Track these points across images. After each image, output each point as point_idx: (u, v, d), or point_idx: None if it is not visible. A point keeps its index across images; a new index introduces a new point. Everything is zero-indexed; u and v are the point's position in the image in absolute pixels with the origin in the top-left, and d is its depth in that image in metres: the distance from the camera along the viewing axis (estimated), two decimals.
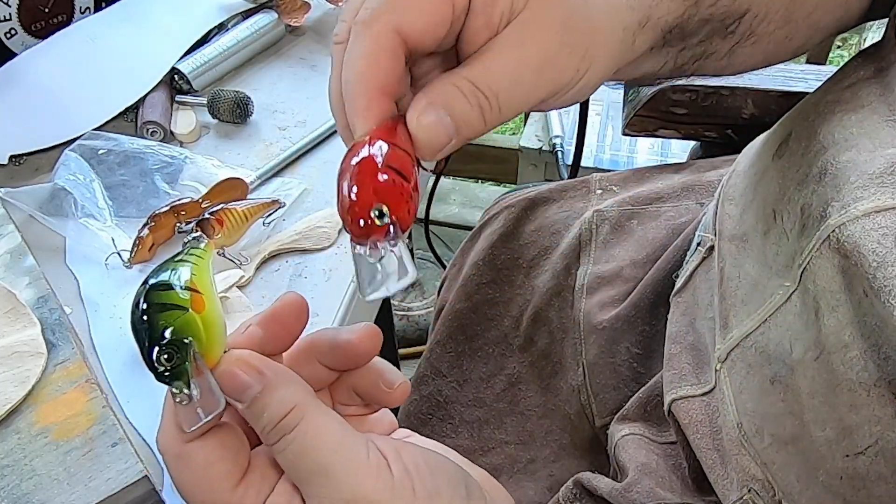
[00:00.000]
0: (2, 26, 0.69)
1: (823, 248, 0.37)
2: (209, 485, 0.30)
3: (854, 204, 0.35)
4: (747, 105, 0.75)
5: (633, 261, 0.66)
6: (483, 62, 0.31)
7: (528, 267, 0.72)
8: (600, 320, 0.63)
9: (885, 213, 0.34)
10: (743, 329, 0.44)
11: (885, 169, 0.35)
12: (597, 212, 0.71)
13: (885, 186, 0.35)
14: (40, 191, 0.60)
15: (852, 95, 0.43)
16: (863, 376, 0.34)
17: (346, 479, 0.29)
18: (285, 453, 0.29)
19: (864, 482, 0.35)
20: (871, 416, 0.34)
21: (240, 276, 0.53)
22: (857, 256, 0.35)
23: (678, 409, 0.50)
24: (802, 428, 0.38)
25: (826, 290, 0.37)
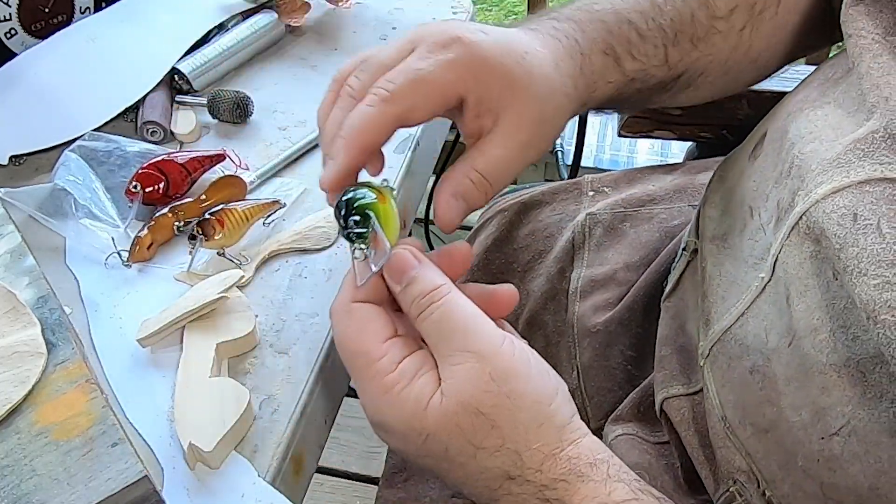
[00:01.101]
0: (2, 26, 0.69)
1: (793, 236, 0.39)
2: (364, 335, 0.39)
3: (815, 189, 0.37)
4: (742, 106, 0.76)
5: (627, 264, 0.67)
6: (485, 157, 0.41)
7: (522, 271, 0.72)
8: (594, 323, 0.63)
9: (842, 192, 0.36)
10: (723, 324, 0.46)
11: (840, 152, 0.37)
12: (589, 215, 0.71)
13: (841, 167, 0.37)
14: (40, 191, 0.60)
15: (820, 94, 0.44)
16: (832, 358, 0.35)
17: (477, 336, 0.38)
18: (431, 318, 0.38)
19: (839, 462, 0.36)
20: (841, 396, 0.35)
21: (240, 276, 0.53)
22: (825, 240, 0.36)
23: (669, 408, 0.51)
24: (780, 414, 0.39)
25: (795, 276, 0.38)
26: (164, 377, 0.50)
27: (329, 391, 0.52)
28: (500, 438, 0.36)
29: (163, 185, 0.59)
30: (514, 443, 0.36)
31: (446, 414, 0.36)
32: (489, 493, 0.37)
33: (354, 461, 1.37)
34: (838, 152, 0.37)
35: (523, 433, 0.36)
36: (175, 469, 0.45)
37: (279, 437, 0.47)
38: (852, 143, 0.37)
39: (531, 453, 0.36)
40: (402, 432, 0.38)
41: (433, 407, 0.37)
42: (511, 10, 2.59)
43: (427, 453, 0.38)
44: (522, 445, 0.36)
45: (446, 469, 0.38)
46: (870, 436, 0.34)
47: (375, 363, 0.38)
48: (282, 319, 0.53)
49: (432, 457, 0.38)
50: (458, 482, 0.39)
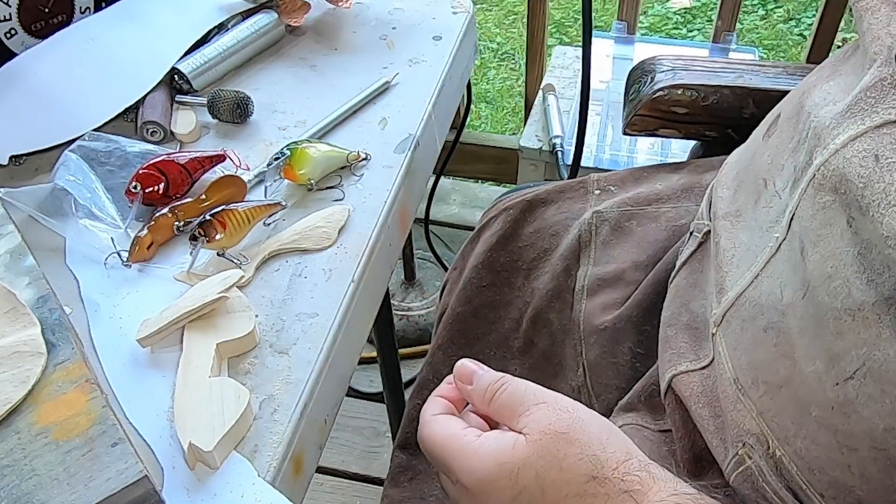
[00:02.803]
0: (2, 26, 0.69)
1: (810, 190, 0.40)
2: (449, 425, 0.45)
3: (832, 141, 0.39)
4: (748, 105, 0.76)
5: (635, 263, 0.67)
6: None
7: (527, 269, 0.72)
8: (602, 321, 0.63)
9: (860, 138, 0.37)
10: (737, 289, 0.47)
11: (850, 104, 0.39)
12: (596, 213, 0.71)
13: (855, 115, 0.38)
14: (40, 191, 0.60)
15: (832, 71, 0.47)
16: (847, 303, 0.37)
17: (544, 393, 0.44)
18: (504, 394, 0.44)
19: (853, 407, 0.37)
20: (856, 339, 0.36)
21: (240, 276, 0.53)
22: (845, 184, 0.37)
23: (678, 384, 0.52)
24: (794, 367, 0.41)
25: (809, 228, 0.40)
26: (164, 377, 0.50)
27: (329, 391, 0.52)
28: (579, 448, 0.41)
29: (163, 185, 0.59)
30: (591, 448, 0.41)
31: (531, 443, 0.41)
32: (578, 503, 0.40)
33: (354, 461, 1.37)
34: (849, 103, 0.39)
35: (598, 442, 0.41)
36: (175, 469, 0.45)
37: (279, 437, 0.47)
38: (861, 91, 0.39)
39: (607, 456, 0.41)
40: (495, 477, 0.42)
41: (520, 443, 0.42)
42: (511, 10, 2.59)
43: (521, 488, 0.41)
44: (599, 450, 0.41)
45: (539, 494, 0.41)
46: (885, 376, 0.35)
47: (462, 438, 0.44)
48: (282, 319, 0.53)
49: (526, 490, 0.41)
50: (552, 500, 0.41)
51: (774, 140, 0.49)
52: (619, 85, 1.46)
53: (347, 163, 0.63)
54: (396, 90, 0.72)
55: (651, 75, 0.78)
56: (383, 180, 0.63)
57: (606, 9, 2.50)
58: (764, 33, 2.45)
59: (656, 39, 2.03)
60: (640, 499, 0.40)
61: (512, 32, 2.50)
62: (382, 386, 1.18)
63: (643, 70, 0.80)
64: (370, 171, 0.64)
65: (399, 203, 0.63)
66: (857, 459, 0.38)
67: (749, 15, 2.49)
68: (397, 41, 0.77)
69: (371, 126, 0.68)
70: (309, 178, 0.61)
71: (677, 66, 0.78)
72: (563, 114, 1.45)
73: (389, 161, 0.65)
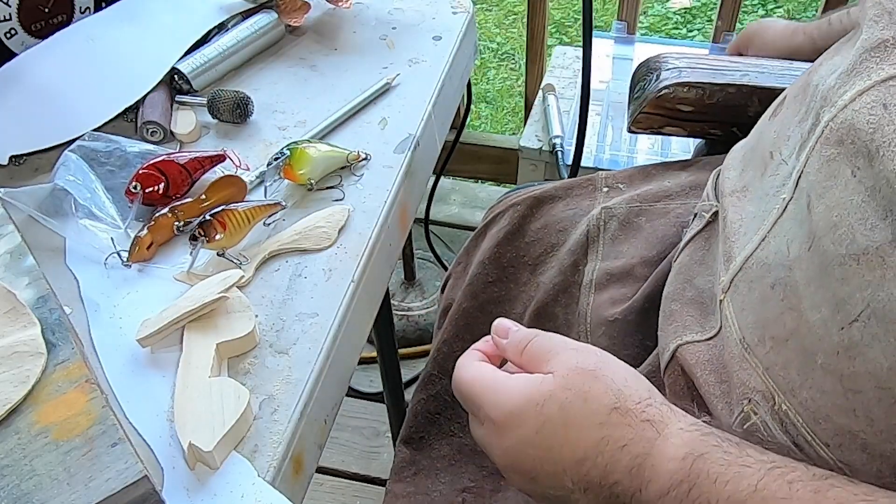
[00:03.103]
0: (2, 26, 0.69)
1: (818, 146, 0.42)
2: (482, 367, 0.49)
3: (839, 98, 0.41)
4: (753, 103, 0.75)
5: (644, 259, 0.67)
6: None
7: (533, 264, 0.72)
8: (611, 313, 0.64)
9: (868, 91, 0.39)
10: (745, 253, 0.49)
11: (854, 62, 0.41)
12: (605, 209, 0.72)
13: (860, 74, 0.41)
14: (40, 191, 0.60)
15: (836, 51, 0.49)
16: (852, 248, 0.38)
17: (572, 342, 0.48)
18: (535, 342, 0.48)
19: (859, 349, 0.38)
20: (861, 283, 0.38)
21: (240, 276, 0.53)
22: (853, 134, 0.39)
23: (684, 352, 0.53)
24: (800, 318, 0.42)
25: (815, 182, 0.42)
26: (164, 377, 0.50)
27: (329, 391, 0.52)
28: (604, 384, 0.44)
29: (163, 185, 0.59)
30: (615, 383, 0.44)
31: (558, 378, 0.44)
32: (599, 432, 0.43)
33: (354, 461, 1.37)
34: (852, 63, 0.41)
35: (622, 379, 0.44)
36: (175, 469, 0.45)
37: (279, 437, 0.47)
38: (865, 51, 0.41)
39: (630, 392, 0.44)
40: (522, 408, 0.44)
41: (547, 380, 0.45)
42: (511, 10, 2.59)
43: (545, 422, 0.44)
44: (622, 385, 0.44)
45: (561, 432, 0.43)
46: (890, 314, 0.36)
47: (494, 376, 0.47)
48: (282, 319, 0.53)
49: (549, 424, 0.43)
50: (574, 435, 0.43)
51: (780, 116, 0.51)
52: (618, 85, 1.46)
53: (347, 163, 0.63)
54: (396, 90, 0.72)
55: (656, 73, 0.78)
56: (383, 180, 0.63)
57: (606, 9, 2.50)
58: None
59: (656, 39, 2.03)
60: (661, 428, 0.42)
61: (512, 32, 2.50)
62: (382, 386, 1.18)
63: (648, 68, 0.80)
64: (370, 171, 0.64)
65: (399, 203, 0.63)
66: (863, 402, 0.39)
67: (749, 15, 2.50)
68: (397, 41, 0.77)
69: (371, 126, 0.68)
70: (309, 178, 0.61)
71: (682, 64, 0.78)
72: (563, 114, 1.45)
73: (389, 161, 0.65)
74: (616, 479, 0.42)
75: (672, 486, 0.40)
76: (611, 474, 0.42)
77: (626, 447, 0.42)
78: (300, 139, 0.64)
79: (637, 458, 0.41)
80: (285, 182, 0.62)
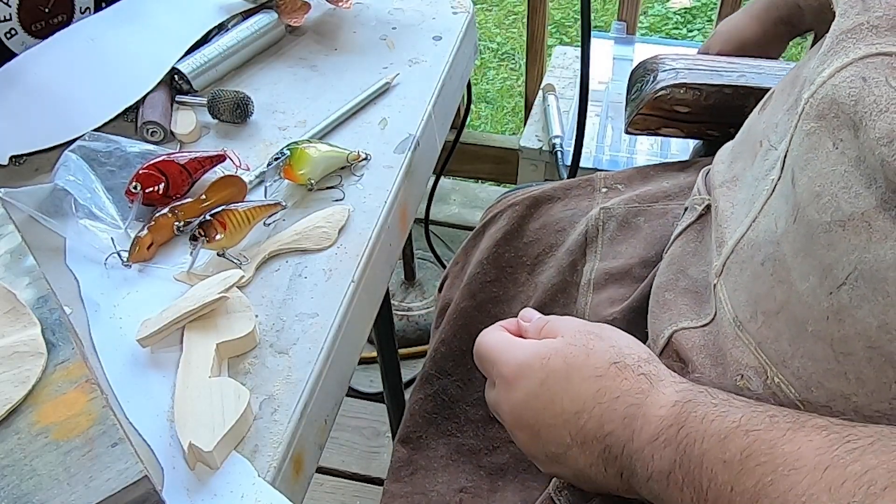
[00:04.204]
0: (2, 26, 0.69)
1: (801, 123, 0.43)
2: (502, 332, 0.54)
3: (818, 76, 0.43)
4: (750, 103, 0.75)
5: (643, 259, 0.67)
6: None
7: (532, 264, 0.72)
8: (610, 312, 0.64)
9: (846, 68, 0.41)
10: (736, 236, 0.51)
11: (831, 43, 0.43)
12: (603, 209, 0.72)
13: (838, 53, 0.42)
14: (40, 191, 0.60)
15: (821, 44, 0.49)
16: (836, 216, 0.39)
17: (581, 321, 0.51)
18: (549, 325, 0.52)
19: (848, 311, 0.40)
20: (847, 247, 0.39)
21: (240, 276, 0.53)
22: (836, 107, 0.41)
23: (679, 337, 0.54)
24: (790, 289, 0.44)
25: (798, 156, 0.43)
26: (164, 377, 0.50)
27: (329, 391, 0.52)
28: (606, 343, 0.48)
29: (163, 185, 0.59)
30: (617, 343, 0.48)
31: (565, 337, 0.49)
32: (597, 384, 0.46)
33: (354, 461, 1.37)
34: (829, 44, 0.43)
35: (625, 342, 0.48)
36: (175, 469, 0.45)
37: (279, 437, 0.47)
38: (841, 33, 0.42)
39: (630, 351, 0.47)
40: (530, 361, 0.49)
41: (556, 339, 0.49)
42: (511, 10, 2.59)
43: (548, 374, 0.47)
44: (624, 346, 0.48)
45: (563, 384, 0.47)
46: (876, 274, 0.38)
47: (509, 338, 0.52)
48: (282, 319, 0.53)
49: (553, 373, 0.47)
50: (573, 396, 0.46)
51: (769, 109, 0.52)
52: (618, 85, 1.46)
53: (347, 163, 0.63)
54: (396, 90, 0.72)
55: (653, 74, 0.78)
56: (383, 180, 0.63)
57: (606, 9, 2.50)
58: None
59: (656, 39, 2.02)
60: (655, 381, 0.45)
61: (512, 32, 2.50)
62: (382, 386, 1.18)
63: (645, 69, 0.80)
64: (370, 171, 0.64)
65: (399, 203, 0.63)
66: (853, 363, 0.40)
67: None
68: (397, 41, 0.77)
69: (371, 126, 0.68)
70: (309, 178, 0.61)
71: (679, 65, 0.78)
72: (562, 114, 1.45)
73: (389, 161, 0.65)
74: (610, 430, 0.45)
75: (661, 430, 0.42)
76: (605, 424, 0.45)
77: (621, 398, 0.45)
78: (300, 139, 0.64)
79: (630, 407, 0.44)
80: (285, 182, 0.62)
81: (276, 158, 0.61)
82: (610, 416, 0.45)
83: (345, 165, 0.64)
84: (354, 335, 0.56)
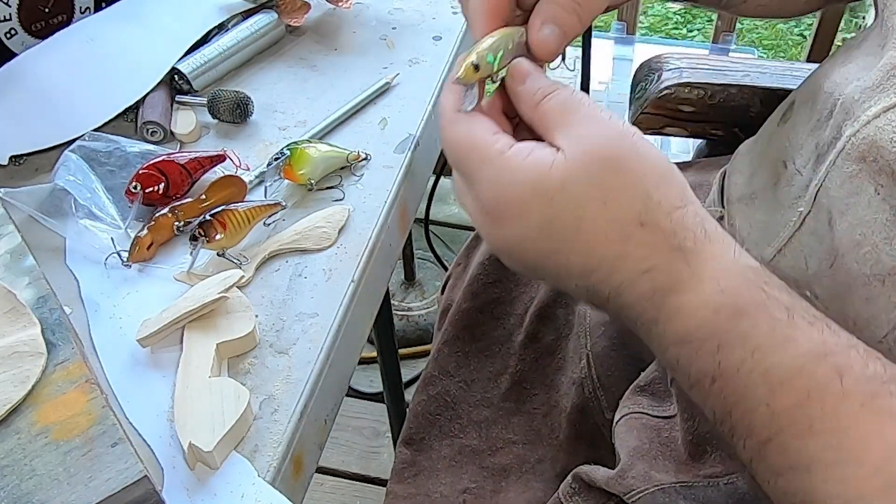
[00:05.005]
0: (2, 26, 0.68)
1: (838, 161, 0.40)
2: (475, 130, 0.39)
3: (863, 113, 0.39)
4: (755, 103, 0.76)
5: None
6: None
7: None
8: None
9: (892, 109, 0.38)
10: None
11: (881, 78, 0.40)
12: None
13: (886, 90, 0.39)
14: (40, 191, 0.60)
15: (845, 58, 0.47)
16: (877, 269, 0.37)
17: (603, 112, 0.38)
18: (554, 99, 0.38)
19: None
20: (887, 303, 0.37)
21: (240, 276, 0.53)
22: (875, 152, 0.38)
23: None
24: None
25: (837, 198, 0.40)
26: (164, 377, 0.50)
27: (329, 391, 0.52)
28: (630, 181, 0.36)
29: (163, 185, 0.59)
30: (642, 183, 0.36)
31: (573, 163, 0.36)
32: (618, 248, 0.36)
33: (354, 461, 1.37)
34: (878, 78, 0.40)
35: (652, 177, 0.36)
36: (175, 469, 0.45)
37: (279, 437, 0.47)
38: (892, 68, 0.39)
39: (660, 197, 0.36)
40: (526, 202, 0.36)
41: (558, 163, 0.36)
42: None
43: (552, 219, 0.36)
44: (652, 187, 0.36)
45: (572, 236, 0.36)
46: None
47: (490, 147, 0.38)
48: (282, 319, 0.53)
49: (558, 223, 0.36)
50: (584, 252, 0.37)
51: (791, 123, 0.49)
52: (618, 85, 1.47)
53: (347, 163, 0.63)
54: (396, 90, 0.72)
55: (658, 73, 0.78)
56: (383, 180, 0.63)
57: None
58: (764, 33, 2.45)
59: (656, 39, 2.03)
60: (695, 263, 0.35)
61: None
62: (382, 386, 1.18)
63: (650, 68, 0.80)
64: (370, 171, 0.64)
65: (399, 203, 0.63)
66: None
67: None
68: (397, 41, 0.77)
69: (371, 126, 0.68)
70: (309, 178, 0.61)
71: (684, 64, 0.78)
72: None
73: (389, 161, 0.65)
74: (628, 303, 0.37)
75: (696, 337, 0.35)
76: (622, 295, 0.36)
77: (649, 274, 0.36)
78: (300, 139, 0.64)
79: (658, 291, 0.35)
80: (285, 182, 0.62)
81: (276, 158, 0.61)
82: (631, 289, 0.36)
83: (345, 165, 0.63)
84: (354, 335, 0.56)
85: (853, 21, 2.12)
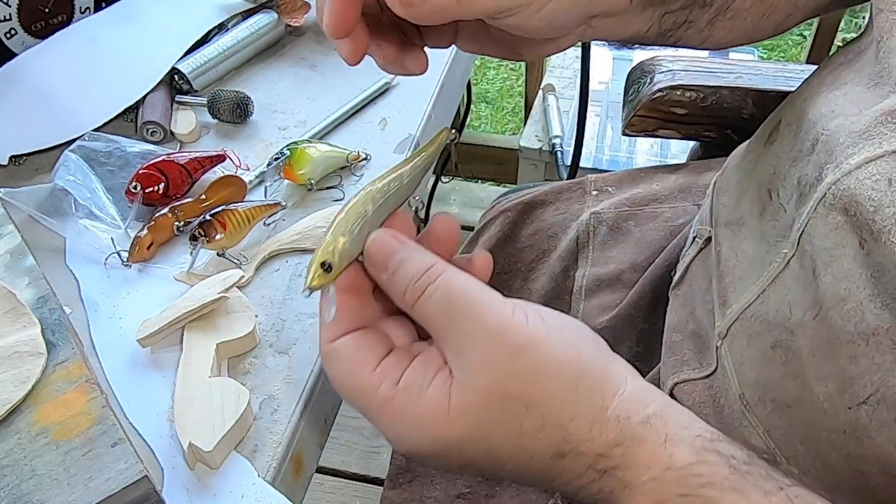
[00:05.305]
0: (2, 26, 0.69)
1: (820, 208, 0.39)
2: (353, 369, 0.35)
3: (846, 160, 0.37)
4: (747, 105, 0.76)
5: (633, 264, 0.67)
6: None
7: (525, 271, 0.72)
8: (600, 321, 0.63)
9: (875, 161, 0.36)
10: (742, 302, 0.46)
11: (869, 124, 0.38)
12: (594, 214, 0.71)
13: (872, 138, 0.37)
14: (40, 191, 0.60)
15: (834, 78, 0.45)
16: (860, 327, 0.35)
17: (486, 313, 0.33)
18: (432, 300, 0.34)
19: (867, 432, 0.36)
20: (870, 365, 0.35)
21: (240, 276, 0.53)
22: (855, 206, 0.36)
23: (680, 392, 0.51)
24: (804, 387, 0.39)
25: (821, 248, 0.38)
26: (164, 377, 0.50)
27: (329, 391, 0.52)
28: (539, 418, 0.33)
29: (163, 185, 0.59)
30: (555, 416, 0.33)
31: (474, 411, 0.33)
32: (545, 477, 0.35)
33: (354, 461, 1.37)
34: (867, 124, 0.38)
35: (561, 403, 0.33)
36: (175, 469, 0.45)
37: (279, 437, 0.47)
38: (882, 115, 0.37)
39: (576, 423, 0.33)
40: (436, 452, 0.35)
41: (456, 410, 0.33)
42: None
43: (470, 461, 0.35)
44: (565, 417, 0.33)
45: (494, 469, 0.35)
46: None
47: (375, 394, 0.35)
48: (282, 319, 0.53)
49: (477, 463, 0.35)
50: (512, 476, 0.36)
51: (776, 147, 0.48)
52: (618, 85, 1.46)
53: (347, 163, 0.63)
54: (396, 90, 0.72)
55: (650, 76, 0.78)
56: None
57: None
58: None
59: None
60: (624, 475, 0.33)
61: None
62: None
63: (642, 70, 0.80)
64: (370, 171, 0.64)
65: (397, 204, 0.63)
66: (869, 484, 0.37)
67: None
68: None
69: (371, 126, 0.68)
70: (309, 178, 0.61)
71: (677, 66, 0.78)
72: (562, 114, 1.45)
73: (389, 161, 0.65)
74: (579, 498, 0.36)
75: None
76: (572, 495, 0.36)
77: (586, 489, 0.35)
78: (300, 139, 0.64)
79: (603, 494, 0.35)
80: (285, 182, 0.62)
81: (276, 158, 0.61)
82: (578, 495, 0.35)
83: (345, 165, 0.64)
84: None
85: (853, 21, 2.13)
